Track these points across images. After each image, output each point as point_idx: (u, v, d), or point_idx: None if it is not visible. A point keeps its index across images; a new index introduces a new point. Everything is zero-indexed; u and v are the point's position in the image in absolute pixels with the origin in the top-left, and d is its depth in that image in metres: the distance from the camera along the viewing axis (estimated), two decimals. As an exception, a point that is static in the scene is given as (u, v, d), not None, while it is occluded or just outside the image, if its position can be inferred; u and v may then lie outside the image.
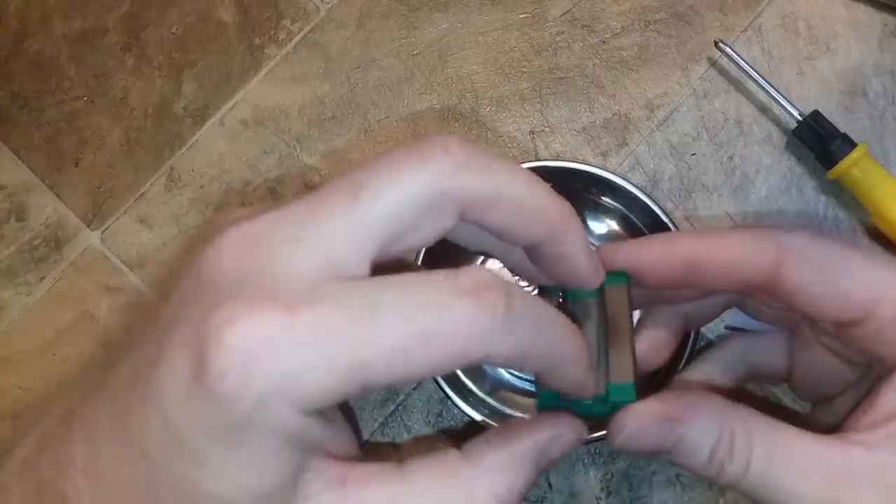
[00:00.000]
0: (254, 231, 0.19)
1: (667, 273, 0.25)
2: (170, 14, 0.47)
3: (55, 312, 0.44)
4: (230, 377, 0.17)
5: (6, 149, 0.46)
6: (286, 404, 0.17)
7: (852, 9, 0.44)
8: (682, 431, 0.23)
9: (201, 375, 0.17)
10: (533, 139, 0.44)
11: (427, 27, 0.46)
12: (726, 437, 0.23)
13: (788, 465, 0.22)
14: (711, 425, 0.23)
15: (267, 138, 0.45)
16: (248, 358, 0.17)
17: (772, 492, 0.22)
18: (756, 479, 0.22)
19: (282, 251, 0.18)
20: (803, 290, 0.24)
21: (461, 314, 0.18)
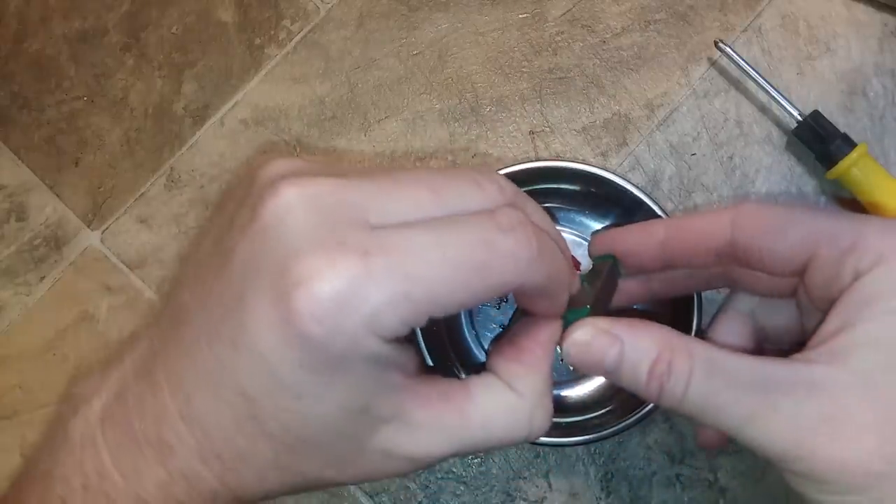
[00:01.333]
0: (323, 189, 0.21)
1: (647, 253, 0.28)
2: (170, 14, 0.47)
3: (55, 312, 0.44)
4: (325, 321, 0.19)
5: (6, 149, 0.46)
6: (374, 337, 0.20)
7: (852, 9, 0.44)
8: (623, 349, 0.24)
9: (296, 322, 0.19)
10: (533, 139, 0.44)
11: (427, 27, 0.46)
12: (665, 356, 0.24)
13: (726, 382, 0.23)
14: (651, 344, 0.24)
15: (267, 138, 0.45)
16: (338, 303, 0.19)
17: (710, 408, 0.23)
18: (695, 397, 0.23)
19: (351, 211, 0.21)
20: (754, 248, 0.26)
21: (506, 248, 0.21)
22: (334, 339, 0.19)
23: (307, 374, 0.20)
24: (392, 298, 0.19)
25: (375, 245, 0.20)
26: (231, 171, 0.45)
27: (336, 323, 0.19)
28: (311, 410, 0.21)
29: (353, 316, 0.19)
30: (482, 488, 0.41)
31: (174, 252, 0.44)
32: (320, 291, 0.19)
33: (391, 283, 0.19)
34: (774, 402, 0.23)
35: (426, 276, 0.20)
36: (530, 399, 0.24)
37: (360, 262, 0.19)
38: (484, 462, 0.41)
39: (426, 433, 0.23)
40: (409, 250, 0.20)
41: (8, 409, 0.43)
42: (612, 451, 0.41)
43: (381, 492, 0.41)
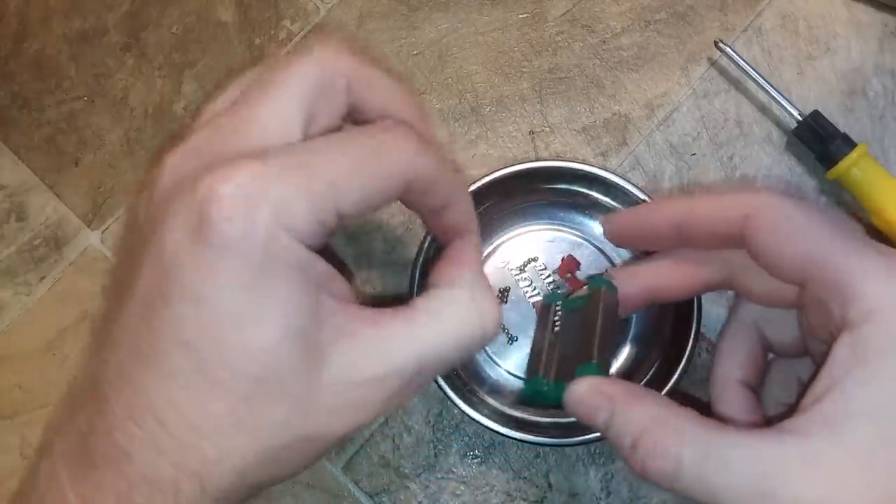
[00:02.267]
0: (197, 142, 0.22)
1: (661, 235, 0.28)
2: (170, 14, 0.47)
3: (55, 312, 0.44)
4: (235, 218, 0.19)
5: (6, 149, 0.46)
6: (287, 234, 0.20)
7: (852, 9, 0.44)
8: (613, 415, 0.25)
9: (210, 230, 0.19)
10: (533, 139, 0.44)
11: (427, 27, 0.46)
12: (651, 432, 0.24)
13: (721, 462, 0.23)
14: (639, 417, 0.24)
15: (267, 138, 0.45)
16: (244, 200, 0.19)
17: (707, 490, 0.23)
18: (690, 478, 0.23)
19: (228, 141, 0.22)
20: (759, 246, 0.26)
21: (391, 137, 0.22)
22: (252, 235, 0.19)
23: (240, 293, 0.20)
24: (295, 190, 0.20)
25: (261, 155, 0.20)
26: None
27: (249, 217, 0.19)
28: (253, 341, 0.20)
29: (262, 211, 0.20)
30: (482, 488, 0.41)
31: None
32: (224, 193, 0.19)
33: (290, 177, 0.20)
34: (773, 489, 0.22)
35: (323, 167, 0.21)
36: (469, 288, 0.24)
37: (258, 163, 0.20)
38: (484, 462, 0.41)
39: (379, 347, 0.22)
40: (296, 151, 0.21)
41: (8, 409, 0.43)
42: (612, 451, 0.41)
43: (381, 492, 0.41)
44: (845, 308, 0.23)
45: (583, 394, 0.26)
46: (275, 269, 0.20)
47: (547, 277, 0.41)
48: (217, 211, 0.19)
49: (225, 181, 0.20)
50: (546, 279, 0.41)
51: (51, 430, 0.23)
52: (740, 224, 0.26)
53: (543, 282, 0.41)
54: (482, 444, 0.41)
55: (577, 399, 0.27)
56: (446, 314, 0.24)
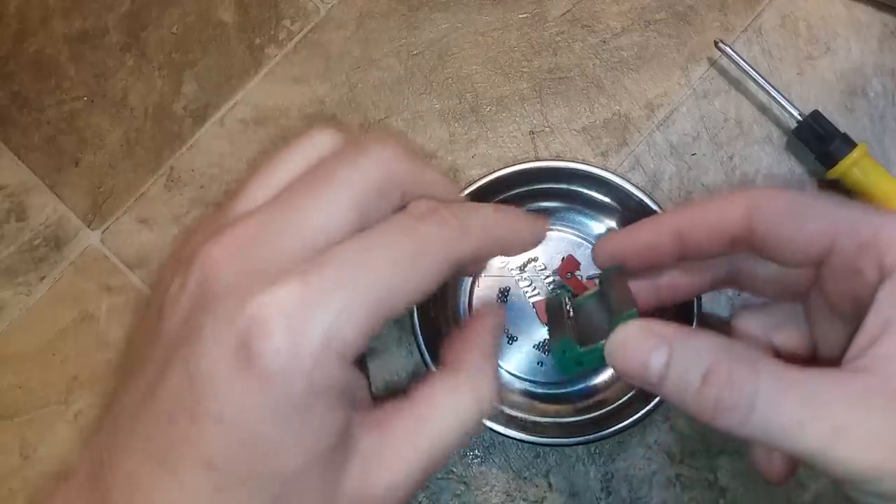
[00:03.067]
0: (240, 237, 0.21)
1: (661, 249, 0.27)
2: (170, 14, 0.47)
3: (55, 312, 0.44)
4: (283, 351, 0.19)
5: (6, 149, 0.46)
6: (335, 357, 0.20)
7: (852, 9, 0.44)
8: (672, 352, 0.22)
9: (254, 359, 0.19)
10: (533, 139, 0.44)
11: (427, 27, 0.46)
12: (723, 365, 0.21)
13: (803, 398, 0.21)
14: (707, 348, 0.22)
15: (267, 138, 0.45)
16: (291, 329, 0.19)
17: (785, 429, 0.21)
18: (766, 416, 0.21)
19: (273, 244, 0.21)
20: (771, 236, 0.25)
21: (428, 231, 0.22)
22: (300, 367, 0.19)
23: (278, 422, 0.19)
24: (341, 309, 0.19)
25: (312, 267, 0.20)
26: (231, 171, 0.45)
27: (297, 349, 0.19)
28: (281, 466, 0.20)
29: (311, 337, 0.19)
30: (482, 488, 0.41)
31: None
32: (271, 325, 0.19)
33: (335, 296, 0.20)
34: (863, 418, 0.21)
35: (365, 279, 0.20)
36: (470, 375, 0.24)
37: (300, 286, 0.19)
38: (484, 462, 0.41)
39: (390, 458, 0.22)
40: (342, 263, 0.20)
41: (8, 409, 0.43)
42: (612, 451, 0.41)
43: (381, 492, 0.41)
44: (879, 260, 0.23)
45: (633, 335, 0.23)
46: (315, 399, 0.20)
47: (547, 277, 0.41)
48: (262, 342, 0.19)
49: (270, 312, 0.19)
50: (546, 279, 0.41)
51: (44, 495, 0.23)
52: (745, 218, 0.25)
53: (543, 282, 0.41)
54: (482, 444, 0.41)
55: (628, 343, 0.23)
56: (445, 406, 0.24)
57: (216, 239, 0.21)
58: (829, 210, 0.24)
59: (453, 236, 0.22)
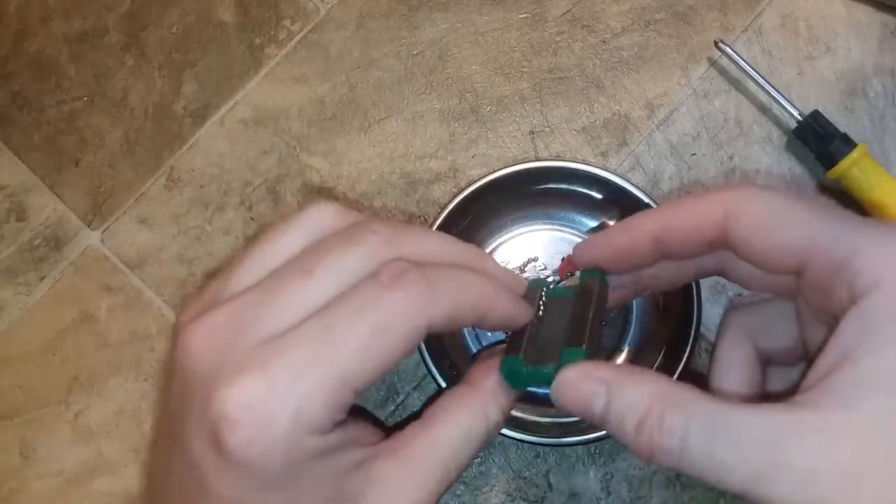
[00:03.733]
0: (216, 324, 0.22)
1: (639, 252, 0.27)
2: (170, 14, 0.47)
3: (55, 312, 0.44)
4: (254, 440, 0.20)
5: (6, 149, 0.46)
6: (308, 435, 0.20)
7: (852, 9, 0.44)
8: (609, 398, 0.23)
9: (227, 450, 0.20)
10: (533, 139, 0.44)
11: (427, 27, 0.46)
12: (656, 409, 0.22)
13: (730, 435, 0.21)
14: (640, 396, 0.22)
15: (267, 138, 0.45)
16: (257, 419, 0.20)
17: (716, 465, 0.22)
18: (695, 456, 0.22)
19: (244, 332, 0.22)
20: (747, 245, 0.24)
21: (395, 300, 0.22)
22: (271, 451, 0.20)
23: (270, 493, 0.21)
24: (304, 392, 0.20)
25: (273, 353, 0.21)
26: (231, 171, 0.45)
27: (265, 437, 0.20)
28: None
29: (278, 423, 0.20)
30: (482, 488, 0.41)
31: (174, 252, 0.44)
32: (236, 420, 0.20)
33: (299, 380, 0.20)
34: (786, 459, 0.21)
35: (329, 358, 0.21)
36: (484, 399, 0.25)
37: (263, 375, 0.20)
38: (484, 462, 0.41)
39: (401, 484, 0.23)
40: (304, 344, 0.21)
41: (8, 409, 0.43)
42: (612, 451, 0.41)
43: (381, 492, 0.41)
44: (850, 284, 0.22)
45: (574, 379, 0.24)
46: (297, 470, 0.21)
47: (547, 277, 0.41)
48: (232, 438, 0.20)
49: (235, 405, 0.20)
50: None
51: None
52: (721, 223, 0.25)
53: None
54: (482, 444, 0.41)
55: (569, 386, 0.24)
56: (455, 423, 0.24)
57: (194, 326, 0.22)
58: (805, 223, 0.23)
59: (420, 303, 0.22)
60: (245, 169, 0.45)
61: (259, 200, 0.44)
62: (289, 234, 0.24)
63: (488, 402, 0.25)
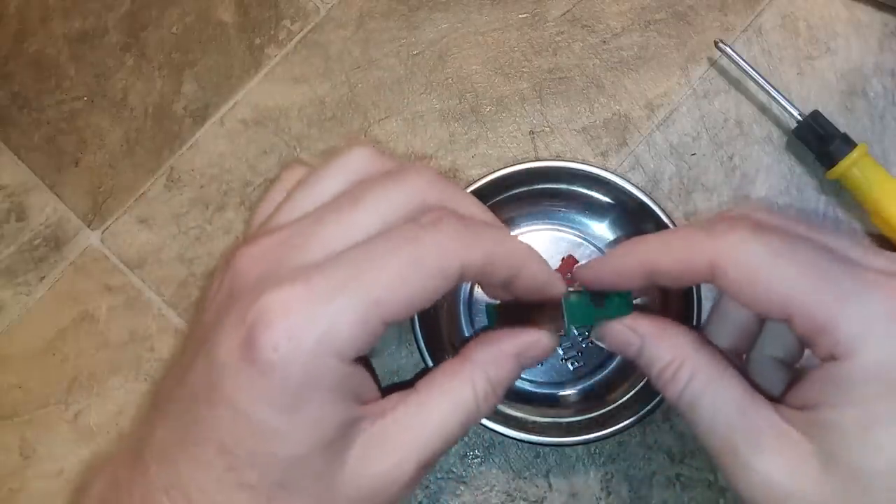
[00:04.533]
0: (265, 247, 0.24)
1: (633, 282, 0.28)
2: (170, 14, 0.47)
3: (55, 312, 0.44)
4: (280, 346, 0.21)
5: (6, 149, 0.46)
6: (334, 356, 0.21)
7: (852, 9, 0.44)
8: (644, 346, 0.28)
9: (255, 353, 0.21)
10: (533, 139, 0.44)
11: (427, 27, 0.46)
12: (674, 365, 0.26)
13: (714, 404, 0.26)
14: (665, 353, 0.27)
15: (267, 138, 0.45)
16: (290, 327, 0.21)
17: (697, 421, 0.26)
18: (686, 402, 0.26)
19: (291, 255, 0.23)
20: (734, 292, 0.25)
21: (431, 239, 0.23)
22: (293, 362, 0.21)
23: (276, 412, 0.21)
24: (339, 310, 0.21)
25: (315, 273, 0.22)
26: (231, 171, 0.45)
27: (294, 346, 0.21)
28: (284, 452, 0.22)
29: (309, 335, 0.21)
30: (482, 488, 0.41)
31: (174, 252, 0.44)
32: (272, 321, 0.21)
33: (337, 297, 0.21)
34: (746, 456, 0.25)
35: (366, 283, 0.22)
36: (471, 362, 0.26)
37: (304, 289, 0.21)
38: (484, 462, 0.41)
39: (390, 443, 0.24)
40: (345, 266, 0.22)
41: (8, 409, 0.43)
42: (612, 451, 0.41)
43: (381, 492, 0.41)
44: (830, 346, 0.24)
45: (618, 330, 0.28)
46: (312, 392, 0.21)
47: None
48: (263, 338, 0.21)
49: (272, 311, 0.21)
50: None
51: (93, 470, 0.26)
52: (708, 273, 0.25)
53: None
54: (482, 444, 0.41)
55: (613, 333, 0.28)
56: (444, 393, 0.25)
57: (248, 246, 0.24)
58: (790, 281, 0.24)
59: (456, 245, 0.23)
60: (245, 169, 0.45)
61: (259, 200, 0.44)
62: (331, 175, 0.26)
63: (476, 373, 0.26)
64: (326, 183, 0.26)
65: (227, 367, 0.22)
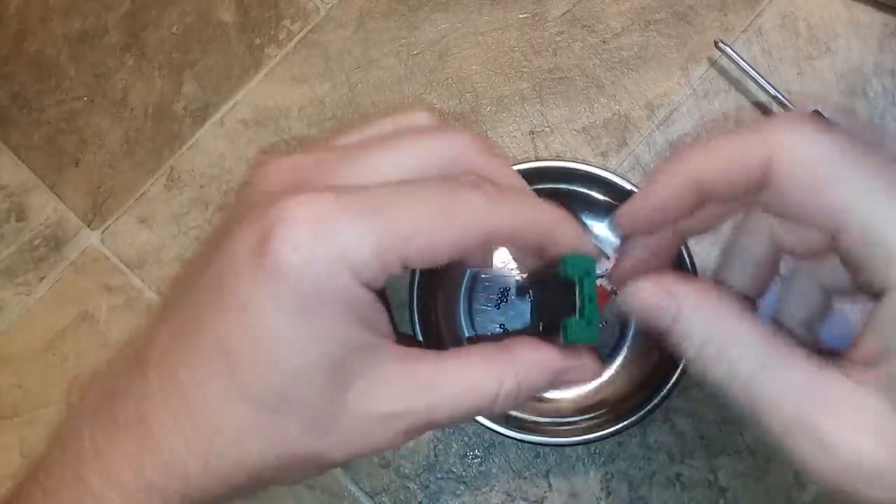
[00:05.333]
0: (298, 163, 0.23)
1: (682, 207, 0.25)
2: (170, 14, 0.47)
3: (55, 312, 0.44)
4: (301, 249, 0.20)
5: (6, 149, 0.46)
6: (348, 272, 0.20)
7: (852, 9, 0.44)
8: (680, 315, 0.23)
9: (270, 251, 0.20)
10: (533, 139, 0.44)
11: (427, 27, 0.46)
12: (716, 342, 0.22)
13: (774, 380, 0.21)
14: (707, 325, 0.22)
15: (267, 138, 0.45)
16: (313, 232, 0.20)
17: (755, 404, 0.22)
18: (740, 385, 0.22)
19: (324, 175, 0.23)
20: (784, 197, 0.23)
21: (465, 195, 0.22)
22: (310, 268, 0.20)
23: (284, 316, 0.20)
24: (363, 232, 0.21)
25: (347, 192, 0.21)
26: (231, 171, 0.45)
27: (312, 251, 0.20)
28: (288, 361, 0.21)
29: (328, 245, 0.20)
30: (482, 488, 0.41)
31: (174, 252, 0.44)
32: (294, 222, 0.20)
33: (362, 219, 0.21)
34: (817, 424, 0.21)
35: (395, 217, 0.21)
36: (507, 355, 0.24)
37: (333, 200, 0.21)
38: (484, 462, 0.41)
39: (400, 386, 0.23)
40: (377, 195, 0.21)
41: (8, 409, 0.43)
42: (612, 451, 0.41)
43: (381, 492, 0.41)
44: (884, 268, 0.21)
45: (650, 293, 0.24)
46: (324, 303, 0.21)
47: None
48: (283, 237, 0.20)
49: (298, 208, 0.20)
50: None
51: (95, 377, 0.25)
52: (761, 176, 0.22)
53: (543, 282, 0.41)
54: (482, 444, 0.41)
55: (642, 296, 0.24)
56: (468, 373, 0.24)
57: (280, 158, 0.23)
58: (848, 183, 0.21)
59: (487, 207, 0.22)
60: (245, 169, 0.45)
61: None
62: (392, 122, 0.25)
63: (508, 370, 0.24)
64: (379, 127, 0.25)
65: (238, 265, 0.21)
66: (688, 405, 0.41)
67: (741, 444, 0.40)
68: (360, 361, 0.22)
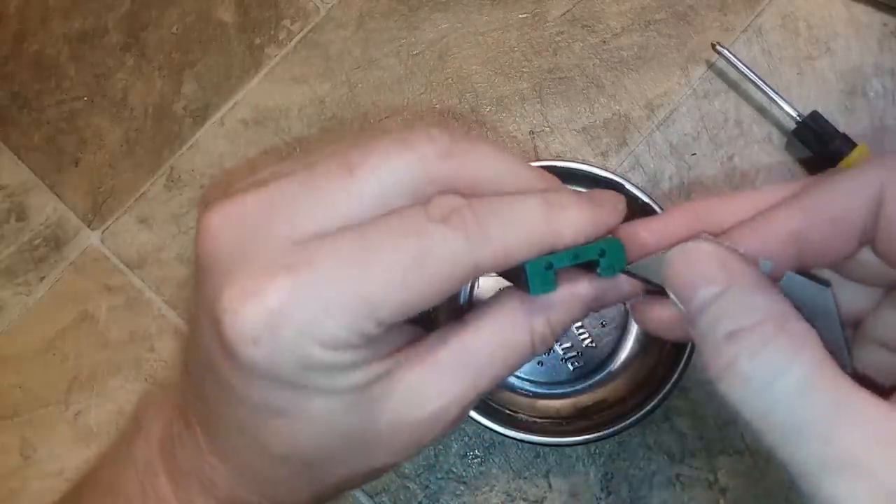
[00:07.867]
0: (245, 209, 0.20)
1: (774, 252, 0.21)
2: (170, 14, 0.47)
3: (55, 312, 0.44)
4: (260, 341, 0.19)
5: (6, 149, 0.46)
6: (319, 347, 0.19)
7: (852, 9, 0.44)
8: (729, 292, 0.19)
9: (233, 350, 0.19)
10: (533, 139, 0.44)
11: (427, 27, 0.46)
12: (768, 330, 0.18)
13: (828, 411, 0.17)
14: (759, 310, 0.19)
15: (267, 138, 0.45)
16: (268, 321, 0.19)
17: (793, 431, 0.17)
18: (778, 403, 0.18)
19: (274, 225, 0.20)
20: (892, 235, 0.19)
21: (440, 238, 0.19)
22: (279, 356, 0.19)
23: (277, 399, 0.20)
24: (327, 307, 0.19)
25: (301, 260, 0.19)
26: (231, 171, 0.45)
27: (272, 340, 0.19)
28: (300, 429, 0.21)
29: (287, 330, 0.19)
30: (482, 488, 0.41)
31: (174, 252, 0.44)
32: (248, 314, 0.19)
33: (323, 293, 0.19)
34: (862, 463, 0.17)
35: (359, 280, 0.19)
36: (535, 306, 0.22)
37: (285, 278, 0.19)
38: (484, 462, 0.41)
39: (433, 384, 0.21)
40: (335, 258, 0.19)
41: (8, 409, 0.43)
42: (612, 451, 0.41)
43: (381, 491, 0.41)
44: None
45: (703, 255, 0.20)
46: (308, 377, 0.20)
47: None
48: (238, 333, 0.19)
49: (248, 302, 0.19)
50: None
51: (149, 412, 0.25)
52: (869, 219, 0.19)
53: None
54: (482, 444, 0.41)
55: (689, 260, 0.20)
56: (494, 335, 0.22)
57: (222, 205, 0.21)
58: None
59: (469, 244, 0.19)
60: (245, 169, 0.45)
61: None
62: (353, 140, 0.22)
63: (537, 317, 0.22)
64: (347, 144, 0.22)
65: (213, 354, 0.20)
66: (688, 405, 0.41)
67: (741, 444, 0.40)
68: (379, 386, 0.21)
